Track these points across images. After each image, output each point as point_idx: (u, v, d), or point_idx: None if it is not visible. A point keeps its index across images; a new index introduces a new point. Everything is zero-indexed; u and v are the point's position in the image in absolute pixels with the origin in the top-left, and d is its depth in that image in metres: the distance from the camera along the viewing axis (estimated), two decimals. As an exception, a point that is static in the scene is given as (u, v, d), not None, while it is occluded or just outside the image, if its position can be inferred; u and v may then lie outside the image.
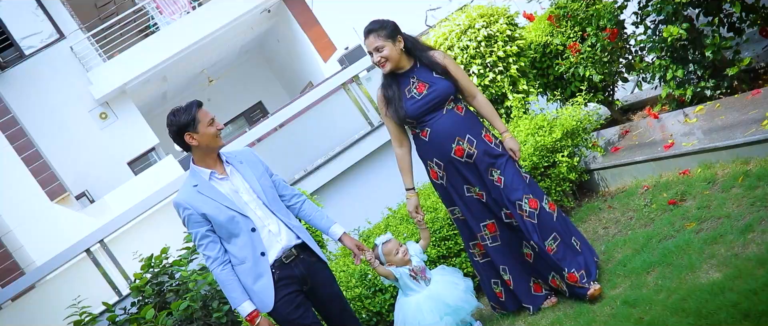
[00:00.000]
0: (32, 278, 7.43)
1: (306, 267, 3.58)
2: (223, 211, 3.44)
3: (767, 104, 4.12)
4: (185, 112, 3.47)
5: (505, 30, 5.39)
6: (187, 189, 3.51)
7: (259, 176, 3.63)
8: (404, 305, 4.07)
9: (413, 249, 4.15)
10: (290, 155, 7.81)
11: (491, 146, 3.86)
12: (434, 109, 3.82)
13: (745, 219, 3.43)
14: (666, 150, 4.52)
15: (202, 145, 3.48)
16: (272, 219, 3.54)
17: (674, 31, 4.47)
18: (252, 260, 3.46)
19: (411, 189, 4.05)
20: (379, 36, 3.79)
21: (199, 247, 3.49)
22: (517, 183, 3.81)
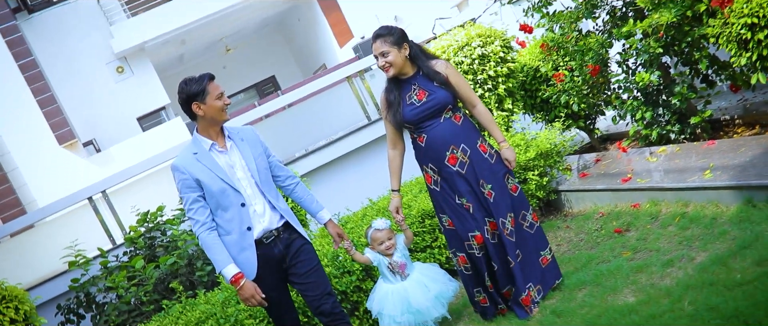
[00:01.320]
0: (33, 218, 7.93)
1: (285, 245, 3.74)
2: (216, 182, 3.58)
3: (716, 156, 4.55)
4: (196, 83, 3.61)
5: (499, 52, 5.82)
6: (186, 155, 3.66)
7: (257, 156, 3.77)
8: (379, 288, 4.31)
9: (399, 245, 4.29)
10: (291, 135, 8.22)
11: (485, 156, 4.01)
12: (432, 116, 3.96)
13: (670, 254, 3.87)
14: (623, 183, 4.96)
15: (208, 117, 3.61)
16: (259, 200, 3.69)
17: (646, 77, 4.89)
18: (238, 233, 3.61)
19: (396, 191, 4.21)
20: (386, 42, 3.93)
21: (189, 212, 3.63)
22: (503, 202, 3.98)
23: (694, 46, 4.78)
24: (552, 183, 5.70)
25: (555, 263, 4.21)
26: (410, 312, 4.15)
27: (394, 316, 4.16)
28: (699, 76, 5.36)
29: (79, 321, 5.71)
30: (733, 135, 5.19)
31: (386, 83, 4.12)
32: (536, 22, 5.38)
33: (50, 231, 7.70)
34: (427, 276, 4.29)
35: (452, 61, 5.82)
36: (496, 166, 4.05)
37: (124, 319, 5.31)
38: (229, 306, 4.69)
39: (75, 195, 7.11)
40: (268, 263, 3.70)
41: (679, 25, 4.66)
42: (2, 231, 8.19)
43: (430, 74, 3.99)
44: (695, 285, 3.36)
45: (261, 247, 3.67)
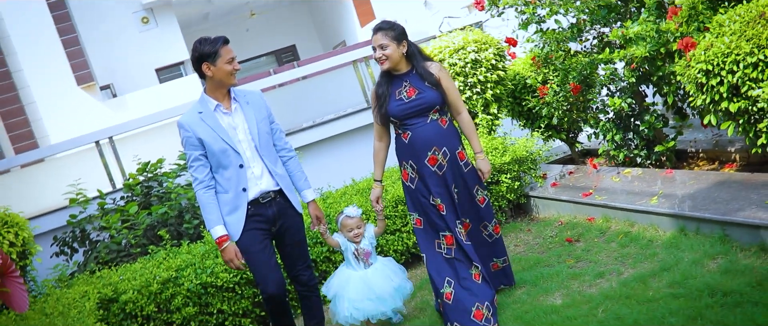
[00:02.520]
0: (44, 153, 8.42)
1: (279, 209, 3.89)
2: (218, 142, 3.72)
3: (668, 184, 4.93)
4: (210, 44, 3.72)
5: (491, 59, 6.18)
6: (192, 113, 3.80)
7: (260, 120, 3.87)
8: (340, 273, 4.42)
9: (368, 234, 4.41)
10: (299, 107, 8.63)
11: (460, 163, 4.11)
12: (418, 114, 4.03)
13: (604, 267, 4.27)
14: (583, 197, 5.34)
15: (216, 78, 3.74)
16: (258, 163, 3.83)
17: (618, 103, 5.26)
18: (234, 193, 3.77)
19: (378, 181, 4.31)
20: (386, 35, 4.00)
21: (190, 168, 3.80)
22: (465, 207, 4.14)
23: (665, 80, 5.13)
24: (525, 188, 6.09)
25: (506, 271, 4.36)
26: (370, 299, 4.24)
27: (354, 301, 4.25)
28: (674, 108, 5.71)
29: (72, 253, 6.18)
30: (694, 167, 5.57)
31: (379, 77, 4.21)
32: (526, 37, 5.73)
33: (57, 167, 8.19)
34: (390, 268, 4.40)
35: (446, 62, 6.20)
36: (468, 175, 4.15)
37: (112, 257, 5.77)
38: (207, 258, 5.14)
39: (84, 137, 7.58)
40: (259, 220, 3.84)
41: (653, 59, 5.01)
42: (14, 161, 8.71)
43: (423, 74, 4.06)
44: (614, 296, 3.76)
45: (257, 206, 3.82)
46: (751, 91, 4.01)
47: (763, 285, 3.32)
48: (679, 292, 3.54)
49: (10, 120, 12.71)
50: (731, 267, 3.62)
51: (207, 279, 4.97)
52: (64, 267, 5.70)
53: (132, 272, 5.14)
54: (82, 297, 4.82)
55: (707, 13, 4.68)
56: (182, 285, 4.96)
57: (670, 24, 4.61)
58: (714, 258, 3.83)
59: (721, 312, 3.18)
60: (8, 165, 8.42)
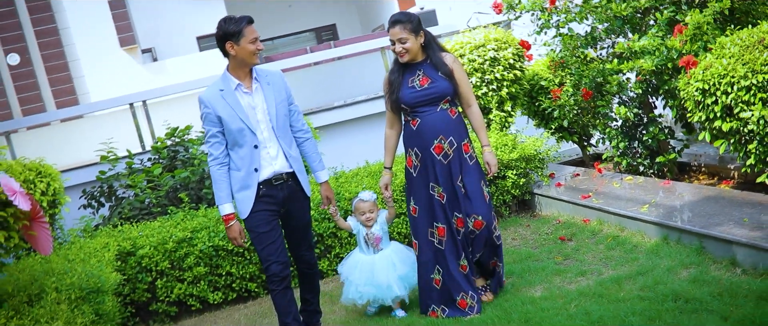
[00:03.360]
0: (83, 110, 8.87)
1: (289, 192, 3.97)
2: (235, 121, 3.79)
3: (662, 195, 5.13)
4: (235, 23, 3.77)
5: (510, 58, 6.40)
6: (213, 90, 3.86)
7: (279, 101, 3.92)
8: (352, 256, 4.57)
9: (380, 219, 4.49)
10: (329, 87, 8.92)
11: (465, 156, 4.17)
12: (429, 103, 4.11)
13: (588, 266, 4.51)
14: (582, 199, 5.56)
15: (239, 57, 3.79)
16: (274, 144, 3.89)
17: (623, 112, 5.46)
18: (245, 172, 3.85)
19: (388, 168, 4.40)
20: (405, 28, 4.04)
21: (206, 144, 3.90)
22: (477, 200, 4.15)
23: (670, 94, 5.31)
24: (531, 186, 6.32)
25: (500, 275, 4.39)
26: (371, 285, 4.36)
27: (357, 284, 4.39)
28: (682, 121, 5.88)
29: (98, 207, 6.58)
30: (694, 180, 5.75)
31: (393, 64, 4.25)
32: (543, 41, 5.94)
33: (92, 125, 8.63)
34: (398, 257, 4.46)
35: (466, 58, 6.43)
36: (473, 169, 4.19)
37: (135, 214, 6.15)
38: (221, 223, 5.49)
39: (120, 98, 7.98)
40: (269, 202, 3.92)
41: (660, 73, 5.20)
42: (55, 115, 9.18)
43: (437, 64, 4.12)
44: (588, 293, 4.01)
45: (269, 187, 3.90)
46: (742, 112, 4.20)
47: (723, 295, 3.54)
48: (646, 295, 3.78)
49: (54, 75, 13.24)
50: (700, 277, 3.85)
51: (219, 242, 5.32)
52: (90, 219, 6.11)
53: (151, 229, 5.51)
54: (103, 248, 5.20)
55: (716, 32, 4.85)
56: (195, 246, 5.31)
57: (674, 41, 4.79)
58: (687, 267, 4.05)
59: (677, 316, 3.42)
60: (48, 119, 8.88)
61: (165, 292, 5.34)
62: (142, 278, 5.29)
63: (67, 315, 3.74)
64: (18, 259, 5.14)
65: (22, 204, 3.74)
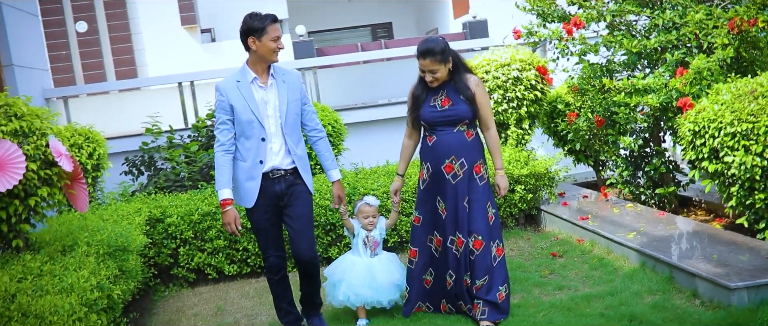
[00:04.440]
0: (142, 83, 9.51)
1: (287, 185, 4.08)
2: (246, 112, 3.94)
3: (653, 224, 5.43)
4: (259, 20, 3.91)
5: (532, 79, 6.74)
6: (230, 80, 4.02)
7: (292, 100, 4.06)
8: (345, 259, 4.63)
9: (380, 225, 4.62)
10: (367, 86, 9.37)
11: (476, 177, 4.27)
12: (447, 124, 4.23)
13: (568, 282, 4.85)
14: (579, 220, 5.89)
15: (259, 53, 3.94)
16: (279, 140, 4.02)
17: (627, 142, 5.77)
18: (251, 163, 4.00)
19: (400, 175, 4.56)
20: (435, 60, 4.11)
21: (216, 130, 4.05)
22: (479, 221, 4.24)
23: (673, 130, 5.59)
24: (540, 202, 6.65)
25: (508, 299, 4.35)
26: (371, 287, 4.44)
27: (355, 286, 4.44)
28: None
29: (138, 175, 7.16)
30: (691, 215, 6.02)
31: (418, 79, 4.34)
32: (562, 68, 6.26)
33: (143, 98, 9.25)
34: (393, 263, 4.61)
35: (491, 75, 6.79)
36: (482, 189, 4.27)
37: (169, 185, 6.70)
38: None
39: (170, 77, 8.59)
40: (267, 196, 4.06)
41: (665, 109, 5.48)
42: (115, 85, 9.85)
43: (460, 87, 4.21)
44: (558, 306, 4.37)
45: (266, 181, 4.04)
46: (726, 156, 4.49)
47: (674, 322, 3.87)
48: (608, 313, 4.12)
49: (117, 45, 14.00)
50: (661, 303, 4.17)
51: (239, 219, 5.81)
52: (128, 185, 6.69)
53: (180, 200, 6.04)
54: (135, 213, 5.75)
55: (720, 78, 5.12)
56: (218, 221, 5.82)
57: (676, 81, 5.09)
58: (653, 293, 4.38)
59: (625, 335, 3.77)
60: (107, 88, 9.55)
61: (186, 259, 5.86)
62: (167, 244, 5.82)
63: (93, 266, 4.26)
64: (60, 213, 5.73)
65: (65, 165, 4.27)
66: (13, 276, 3.85)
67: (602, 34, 6.19)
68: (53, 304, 3.52)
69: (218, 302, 5.41)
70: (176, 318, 5.16)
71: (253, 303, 5.25)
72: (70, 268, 4.09)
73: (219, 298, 5.52)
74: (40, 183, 4.22)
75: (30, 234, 4.49)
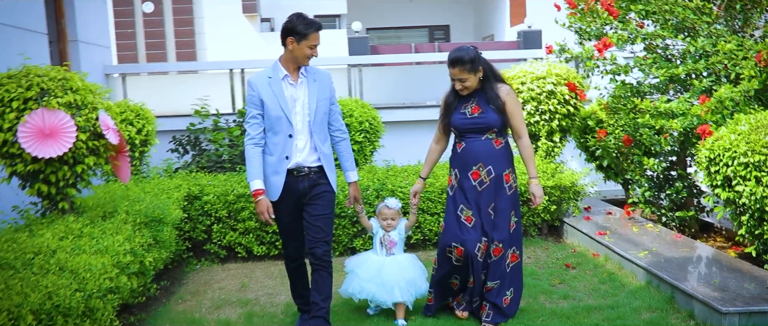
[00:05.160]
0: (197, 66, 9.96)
1: (311, 184, 4.16)
2: (276, 108, 4.02)
3: (666, 245, 5.55)
4: (303, 25, 4.00)
5: (566, 93, 6.89)
6: (262, 75, 4.11)
7: (321, 99, 4.14)
8: (365, 254, 4.81)
9: (399, 226, 4.72)
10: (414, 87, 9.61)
11: (504, 186, 4.35)
12: (476, 131, 4.32)
13: (574, 293, 5.03)
14: (597, 235, 6.04)
15: (294, 54, 4.03)
16: (305, 137, 4.10)
17: (650, 163, 5.89)
18: (278, 158, 4.08)
19: (422, 178, 4.67)
20: (464, 69, 4.23)
21: (246, 124, 4.13)
22: (502, 230, 4.36)
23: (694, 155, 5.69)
24: (563, 214, 6.81)
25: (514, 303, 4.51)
26: (376, 283, 4.52)
27: (362, 278, 4.57)
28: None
29: (183, 153, 7.57)
30: (709, 241, 6.11)
31: (450, 87, 4.44)
32: (594, 85, 6.40)
33: (196, 80, 9.69)
34: (408, 262, 4.67)
35: (526, 86, 6.97)
36: (508, 199, 4.36)
37: (210, 166, 7.08)
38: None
39: (221, 63, 8.99)
40: (290, 192, 4.14)
41: (688, 134, 5.59)
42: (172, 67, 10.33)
43: (490, 97, 4.31)
44: (559, 314, 4.56)
45: (290, 177, 4.12)
46: (738, 186, 4.60)
47: (662, 339, 4.04)
48: (603, 325, 4.30)
49: (180, 27, 14.56)
50: (656, 321, 4.33)
51: (271, 204, 6.15)
52: (173, 162, 7.09)
53: (218, 181, 6.41)
54: (175, 188, 6.14)
55: (745, 108, 5.21)
56: (251, 203, 6.15)
57: (698, 109, 5.20)
58: (652, 311, 4.53)
59: (614, 346, 3.94)
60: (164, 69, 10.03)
61: (219, 236, 6.22)
62: (202, 220, 6.19)
63: (129, 233, 4.63)
64: (106, 183, 6.15)
65: (112, 138, 4.65)
66: (56, 234, 4.24)
67: (639, 54, 6.31)
68: (88, 263, 3.89)
69: (243, 279, 5.75)
70: (203, 289, 5.52)
71: (276, 283, 5.57)
72: (107, 232, 4.47)
73: (245, 276, 5.86)
74: (88, 152, 4.62)
75: (76, 198, 4.88)
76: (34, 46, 6.72)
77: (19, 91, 4.39)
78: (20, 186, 4.63)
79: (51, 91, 4.47)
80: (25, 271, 3.57)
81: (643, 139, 5.88)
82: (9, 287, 3.27)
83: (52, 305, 3.29)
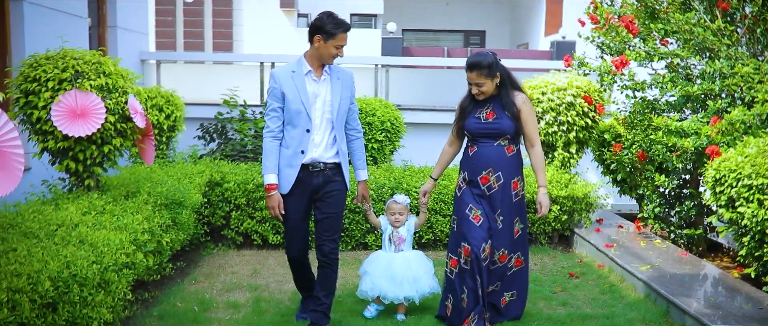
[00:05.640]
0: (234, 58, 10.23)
1: (325, 180, 4.22)
2: (296, 102, 4.07)
3: (670, 262, 5.64)
4: (332, 24, 4.05)
5: (585, 106, 6.99)
6: (286, 69, 4.18)
7: (343, 97, 4.20)
8: (375, 253, 4.89)
9: (408, 223, 4.81)
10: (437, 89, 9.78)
11: (511, 193, 4.40)
12: (489, 136, 4.37)
13: (573, 301, 5.14)
14: (604, 247, 6.14)
15: (319, 52, 4.09)
16: (324, 133, 4.16)
17: (661, 180, 5.97)
18: (293, 151, 4.13)
19: (433, 179, 4.75)
20: (481, 74, 4.29)
21: (266, 116, 4.19)
22: (505, 237, 4.43)
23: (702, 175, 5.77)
24: (574, 224, 6.92)
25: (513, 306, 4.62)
26: (386, 278, 4.63)
27: (373, 275, 4.69)
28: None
29: (209, 141, 7.83)
30: (716, 260, 6.17)
31: (467, 91, 4.51)
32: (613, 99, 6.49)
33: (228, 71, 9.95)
34: (416, 260, 4.76)
35: (546, 97, 7.08)
36: (514, 206, 4.43)
37: (234, 155, 7.33)
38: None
39: (252, 56, 9.27)
40: (303, 186, 4.19)
41: (700, 154, 5.67)
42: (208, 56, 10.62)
43: (505, 104, 4.36)
44: (554, 320, 4.69)
45: (304, 172, 4.17)
46: (741, 207, 4.69)
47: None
48: (595, 333, 4.43)
49: (218, 18, 14.88)
50: (648, 333, 4.44)
51: (288, 195, 6.37)
52: (198, 149, 7.35)
53: (240, 169, 6.64)
54: (198, 174, 6.38)
55: (757, 131, 5.27)
56: (269, 193, 6.37)
57: (709, 129, 5.28)
58: (647, 323, 4.64)
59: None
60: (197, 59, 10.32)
61: (236, 223, 6.46)
62: (222, 206, 6.43)
63: (148, 213, 4.87)
64: (133, 164, 6.42)
65: (139, 121, 4.89)
66: (79, 209, 4.49)
67: (660, 72, 6.40)
68: (107, 238, 4.12)
69: (256, 265, 5.98)
70: (216, 272, 5.75)
71: (286, 272, 5.76)
72: (128, 211, 4.71)
73: (258, 262, 6.08)
74: (115, 134, 4.87)
75: (101, 177, 5.14)
76: (74, 29, 7.02)
77: (55, 72, 4.65)
78: (50, 162, 4.90)
79: (85, 73, 4.72)
80: (48, 241, 3.82)
81: (656, 155, 5.97)
82: (31, 254, 3.51)
83: (69, 274, 3.52)
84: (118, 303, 4.07)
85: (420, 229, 5.63)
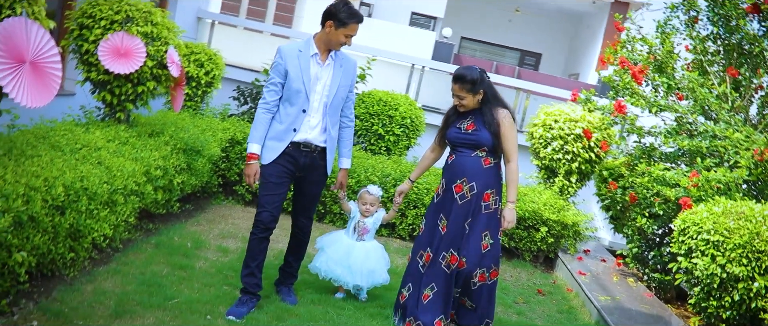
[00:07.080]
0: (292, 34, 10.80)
1: (310, 161, 4.32)
2: (298, 81, 4.14)
3: (632, 299, 6.00)
4: (346, 13, 4.11)
5: (592, 141, 7.35)
6: (293, 47, 4.22)
7: (344, 84, 4.29)
8: (335, 233, 5.02)
9: (377, 215, 4.97)
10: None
11: (482, 204, 4.43)
12: (467, 146, 4.42)
13: (530, 312, 5.55)
14: (577, 274, 6.52)
15: (328, 37, 4.17)
16: (318, 117, 4.25)
17: (641, 222, 6.32)
18: (285, 127, 4.20)
19: (411, 180, 4.82)
20: (463, 88, 4.34)
21: (265, 88, 4.27)
22: (471, 246, 4.43)
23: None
24: (559, 248, 7.30)
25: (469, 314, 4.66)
26: (343, 266, 4.78)
27: (331, 260, 4.83)
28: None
29: (243, 103, 8.39)
30: (681, 308, 6.50)
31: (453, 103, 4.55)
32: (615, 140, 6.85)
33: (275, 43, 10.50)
34: (374, 252, 4.89)
35: (557, 125, 7.46)
36: (485, 218, 4.44)
37: (261, 120, 7.88)
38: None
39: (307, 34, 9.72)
40: (289, 161, 4.28)
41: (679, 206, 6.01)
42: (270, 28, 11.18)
43: (486, 119, 4.38)
44: (505, 323, 5.11)
45: (295, 149, 4.26)
46: (695, 258, 5.04)
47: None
48: (534, 341, 4.84)
49: (282, -8, 15.41)
50: (582, 352, 4.84)
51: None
52: (229, 109, 7.92)
53: (261, 134, 7.18)
54: (223, 130, 6.95)
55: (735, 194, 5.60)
56: (282, 160, 6.90)
57: (686, 181, 5.63)
58: (585, 344, 5.04)
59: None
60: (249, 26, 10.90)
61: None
62: (238, 164, 6.98)
63: (166, 153, 5.44)
64: (168, 109, 7.01)
65: (173, 70, 5.45)
66: (105, 136, 5.07)
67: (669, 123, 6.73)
68: (122, 165, 4.69)
69: (256, 222, 6.51)
70: (218, 220, 6.31)
71: (281, 232, 6.26)
72: (148, 147, 5.28)
73: (258, 220, 6.62)
74: (151, 77, 5.44)
75: (133, 113, 5.72)
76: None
77: (110, 12, 5.23)
78: (90, 91, 5.50)
79: (135, 19, 5.29)
80: (70, 156, 4.39)
81: (643, 199, 6.32)
82: (52, 162, 4.08)
83: (81, 186, 4.08)
84: (120, 223, 4.63)
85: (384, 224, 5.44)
